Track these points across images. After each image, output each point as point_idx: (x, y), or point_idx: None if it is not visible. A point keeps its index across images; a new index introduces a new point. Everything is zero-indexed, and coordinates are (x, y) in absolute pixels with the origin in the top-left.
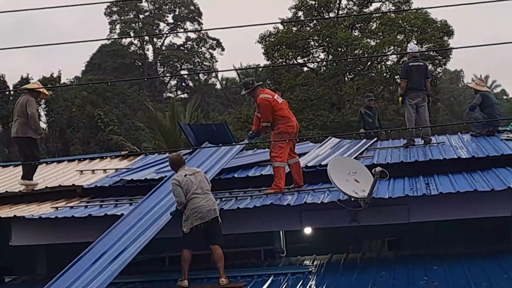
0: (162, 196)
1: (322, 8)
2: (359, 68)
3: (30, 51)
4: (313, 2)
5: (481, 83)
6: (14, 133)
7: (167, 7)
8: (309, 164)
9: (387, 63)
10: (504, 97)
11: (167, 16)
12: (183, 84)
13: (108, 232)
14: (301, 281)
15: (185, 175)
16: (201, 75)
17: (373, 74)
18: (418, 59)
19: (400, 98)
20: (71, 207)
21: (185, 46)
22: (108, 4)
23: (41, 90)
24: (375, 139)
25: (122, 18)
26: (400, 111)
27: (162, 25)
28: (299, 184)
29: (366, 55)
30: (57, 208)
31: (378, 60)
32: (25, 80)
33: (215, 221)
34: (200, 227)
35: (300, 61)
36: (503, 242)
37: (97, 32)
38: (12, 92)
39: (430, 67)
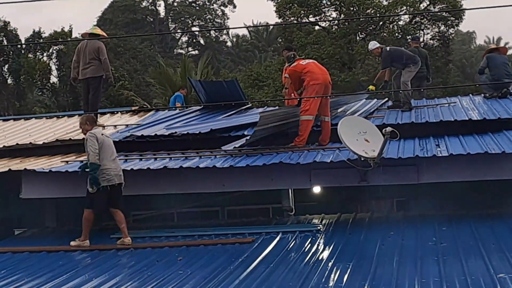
0: None
1: None
2: (371, 28)
3: (40, 4)
4: None
5: (491, 46)
6: (86, 74)
7: None
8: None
9: (399, 23)
10: None
11: None
12: (194, 41)
13: None
14: (310, 239)
15: (102, 134)
16: (212, 32)
17: (385, 34)
18: None
19: None
20: (81, 161)
21: (197, 2)
22: None
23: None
24: (386, 99)
25: None
26: None
27: None
28: (321, 143)
29: (378, 15)
30: (67, 162)
31: (390, 20)
32: (37, 34)
33: (119, 186)
34: (106, 189)
35: (312, 19)
36: None
37: None
38: (24, 46)
39: (442, 27)
